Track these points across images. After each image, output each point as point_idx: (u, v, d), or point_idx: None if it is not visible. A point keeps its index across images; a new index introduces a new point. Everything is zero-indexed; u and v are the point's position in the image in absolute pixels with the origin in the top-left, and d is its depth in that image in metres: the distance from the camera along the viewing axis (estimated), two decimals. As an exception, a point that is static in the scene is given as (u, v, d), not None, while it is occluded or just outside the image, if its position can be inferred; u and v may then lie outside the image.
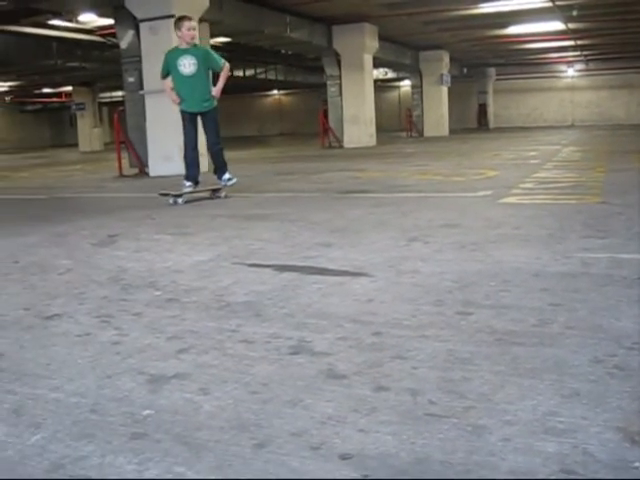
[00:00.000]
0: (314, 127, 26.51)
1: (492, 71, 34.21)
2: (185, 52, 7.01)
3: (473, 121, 35.22)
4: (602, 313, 2.58)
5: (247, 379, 2.06)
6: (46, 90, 34.61)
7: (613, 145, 15.01)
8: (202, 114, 7.14)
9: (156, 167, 11.27)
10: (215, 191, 7.39)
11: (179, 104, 7.11)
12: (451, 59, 27.18)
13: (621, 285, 3.01)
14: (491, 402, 1.82)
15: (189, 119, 7.16)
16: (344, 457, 1.56)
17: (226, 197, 7.24)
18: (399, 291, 3.03)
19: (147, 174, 11.40)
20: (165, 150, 11.13)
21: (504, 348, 2.23)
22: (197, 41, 7.20)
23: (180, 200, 6.93)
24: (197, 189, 7.34)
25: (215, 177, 7.46)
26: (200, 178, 7.46)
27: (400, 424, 1.71)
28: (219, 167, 7.37)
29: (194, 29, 7.10)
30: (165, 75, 7.19)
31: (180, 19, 7.11)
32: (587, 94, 34.95)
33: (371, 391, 1.93)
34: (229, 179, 7.36)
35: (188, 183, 7.25)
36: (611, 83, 33.69)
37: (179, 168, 10.89)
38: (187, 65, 6.95)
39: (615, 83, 33.69)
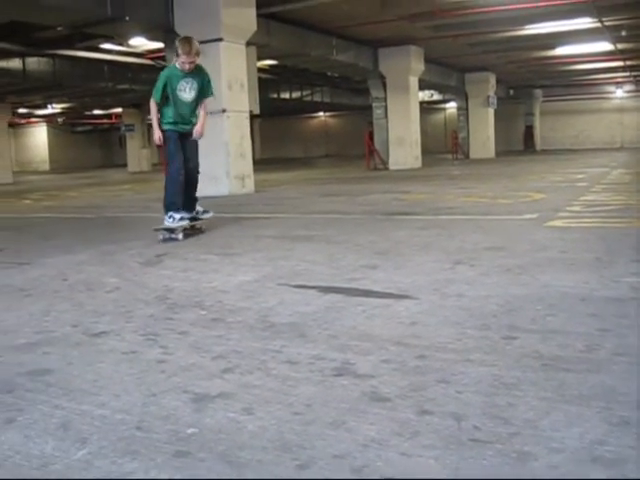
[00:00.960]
0: (359, 149, 26.58)
1: (539, 92, 33.95)
2: (187, 75, 6.17)
3: (519, 143, 34.94)
4: (652, 339, 2.53)
5: (290, 400, 2.06)
6: (96, 112, 35.35)
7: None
8: (186, 135, 6.31)
9: (203, 188, 11.37)
10: (195, 225, 6.46)
11: (162, 127, 6.21)
12: (497, 81, 27.08)
13: (672, 311, 2.94)
14: (537, 429, 1.80)
15: (175, 140, 6.24)
16: (387, 481, 1.56)
17: (203, 231, 6.45)
18: (444, 314, 3.01)
19: (194, 194, 11.51)
20: (212, 171, 11.25)
21: (550, 374, 2.20)
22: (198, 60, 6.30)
23: (180, 235, 6.03)
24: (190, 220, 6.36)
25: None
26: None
27: (444, 449, 1.70)
28: (194, 197, 6.50)
29: (198, 54, 6.16)
30: (160, 97, 6.13)
31: (184, 42, 6.13)
32: (637, 115, 34.42)
33: (415, 415, 1.92)
34: (205, 211, 6.57)
35: (178, 216, 6.12)
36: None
37: (226, 189, 11.07)
38: (187, 90, 6.19)
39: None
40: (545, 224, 5.87)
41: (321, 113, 42.00)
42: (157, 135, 6.19)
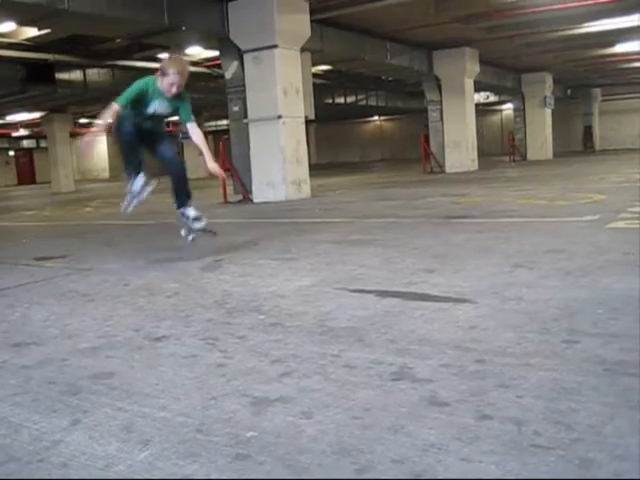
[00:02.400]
0: (415, 152, 26.46)
1: (597, 92, 33.27)
2: (165, 97, 5.29)
3: (578, 144, 34.29)
4: None
5: (349, 404, 2.07)
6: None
7: None
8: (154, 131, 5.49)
9: (260, 193, 11.52)
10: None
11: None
12: (554, 80, 26.62)
13: None
14: (600, 435, 1.76)
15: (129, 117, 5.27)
16: (447, 486, 1.55)
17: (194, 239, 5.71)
18: (503, 318, 2.98)
19: (251, 200, 11.64)
20: (269, 177, 11.37)
21: (613, 379, 2.15)
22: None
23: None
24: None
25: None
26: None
27: (504, 454, 1.68)
28: (185, 191, 5.78)
29: (184, 74, 5.24)
30: (125, 105, 5.14)
31: (177, 61, 5.40)
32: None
33: (474, 419, 1.90)
34: (196, 218, 5.62)
35: (140, 182, 5.66)
36: None
37: (282, 194, 11.15)
38: (159, 109, 5.35)
39: None
40: (606, 226, 5.75)
41: (376, 117, 41.97)
42: (102, 120, 5.13)
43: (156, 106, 5.33)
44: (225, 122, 27.90)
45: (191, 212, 5.57)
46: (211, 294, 3.91)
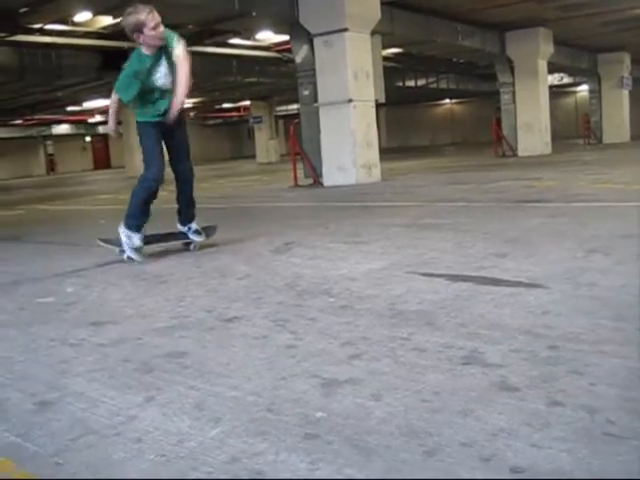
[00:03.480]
0: (486, 136, 26.04)
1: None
2: (157, 58, 4.76)
3: (657, 126, 33.12)
4: None
5: (418, 387, 2.07)
6: (225, 105, 36.34)
7: None
8: (170, 127, 4.87)
9: (330, 177, 11.53)
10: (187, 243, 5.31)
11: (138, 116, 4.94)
12: (633, 60, 25.72)
13: None
14: (677, 424, 1.72)
15: (153, 134, 4.89)
16: (515, 470, 1.54)
17: (196, 248, 5.26)
18: (576, 304, 2.92)
19: (321, 184, 11.68)
20: (339, 161, 11.36)
21: (692, 367, 2.09)
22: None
23: (139, 258, 4.93)
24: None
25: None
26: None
27: (575, 442, 1.65)
28: (191, 206, 5.22)
29: (155, 14, 4.66)
30: (131, 98, 4.82)
31: (150, 12, 4.66)
32: None
33: (545, 406, 1.88)
34: (197, 231, 5.20)
35: (138, 240, 4.94)
36: None
37: (353, 178, 11.14)
38: (165, 78, 4.79)
39: None
40: (687, 211, 5.56)
41: (447, 100, 41.47)
42: (111, 123, 5.12)
43: (162, 76, 4.79)
44: (295, 106, 27.99)
45: (193, 226, 5.20)
46: (282, 276, 3.95)
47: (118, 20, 13.17)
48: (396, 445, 1.70)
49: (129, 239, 4.90)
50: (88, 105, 28.91)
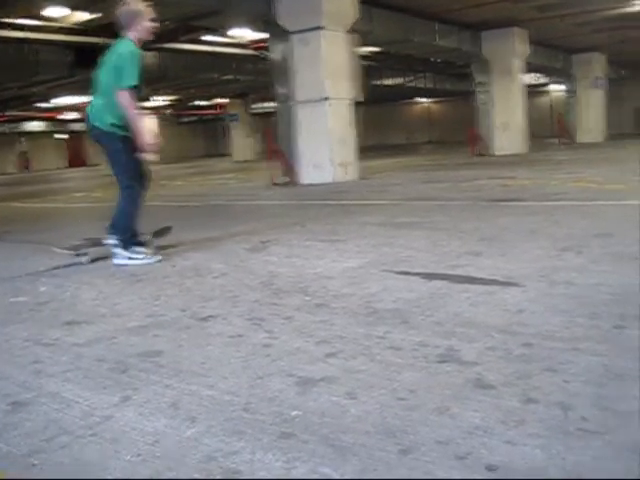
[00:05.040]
0: (463, 135, 26.13)
1: (652, 72, 32.39)
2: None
3: (630, 126, 33.47)
4: None
5: (394, 385, 2.07)
6: (201, 103, 36.16)
7: None
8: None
9: (307, 175, 11.52)
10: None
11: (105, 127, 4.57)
12: (607, 61, 25.97)
13: None
14: (650, 421, 1.74)
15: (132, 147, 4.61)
16: (490, 468, 1.54)
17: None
18: (551, 302, 2.94)
19: (298, 182, 11.66)
20: (316, 159, 11.36)
21: (665, 364, 2.12)
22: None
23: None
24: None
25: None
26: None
27: (549, 438, 1.66)
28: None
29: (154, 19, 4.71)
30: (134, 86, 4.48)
31: (144, 3, 4.67)
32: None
33: (520, 403, 1.89)
34: (140, 254, 4.70)
35: (142, 255, 4.69)
36: None
37: (330, 176, 11.14)
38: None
39: None
40: (659, 210, 5.62)
41: (424, 99, 41.58)
42: (149, 138, 4.57)
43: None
44: (272, 104, 28.00)
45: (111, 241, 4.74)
46: (258, 275, 3.94)
47: (93, 16, 13.10)
48: (372, 444, 1.70)
49: (137, 255, 4.65)
50: (61, 102, 28.60)
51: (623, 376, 2.04)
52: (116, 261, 4.67)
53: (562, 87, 28.24)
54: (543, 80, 30.69)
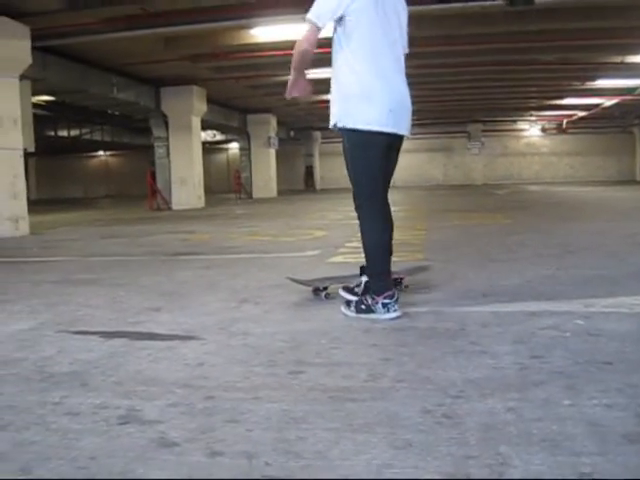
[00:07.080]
0: (142, 189, 26.05)
1: (318, 134, 35.29)
2: None
3: (300, 183, 36.06)
4: (429, 365, 2.67)
5: (73, 454, 1.94)
6: None
7: (432, 204, 15.89)
8: None
9: None
10: None
11: None
12: (278, 122, 27.83)
13: (445, 337, 3.14)
14: (327, 459, 1.83)
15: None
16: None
17: None
18: (230, 353, 3.00)
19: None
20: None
21: (337, 405, 2.25)
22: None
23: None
24: None
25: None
26: None
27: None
28: None
29: None
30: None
31: None
32: (408, 157, 36.83)
33: (205, 457, 1.88)
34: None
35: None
36: (429, 147, 35.84)
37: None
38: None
39: (433, 147, 35.97)
40: (327, 260, 6.08)
41: (101, 152, 40.82)
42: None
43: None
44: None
45: None
46: None
47: None
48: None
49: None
50: None
51: (300, 419, 2.13)
52: None
53: (238, 145, 29.58)
54: (220, 137, 31.89)
